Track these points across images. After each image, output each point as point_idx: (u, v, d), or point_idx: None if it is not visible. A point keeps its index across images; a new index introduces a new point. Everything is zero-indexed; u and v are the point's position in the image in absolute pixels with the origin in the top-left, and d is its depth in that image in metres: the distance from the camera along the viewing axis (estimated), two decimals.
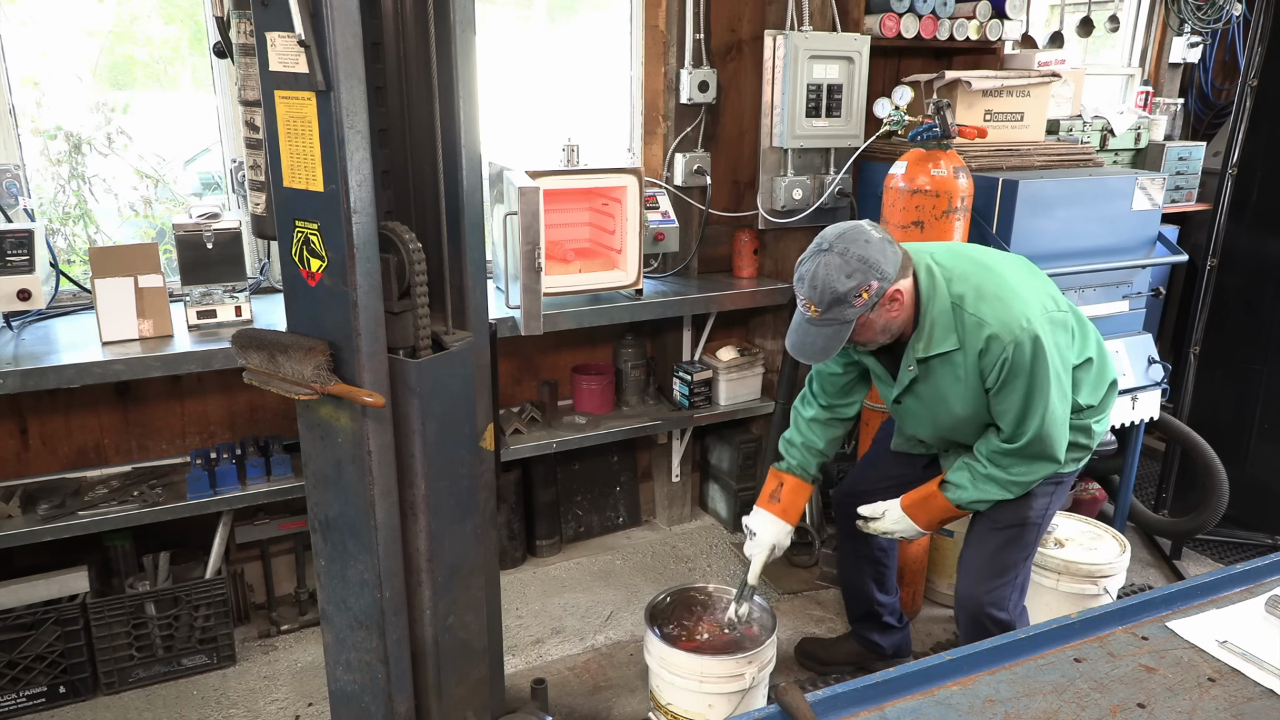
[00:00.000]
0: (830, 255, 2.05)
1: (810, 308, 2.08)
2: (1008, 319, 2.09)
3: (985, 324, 2.09)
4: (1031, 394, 2.12)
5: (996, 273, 2.17)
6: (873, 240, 2.06)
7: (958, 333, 2.14)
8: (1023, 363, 2.09)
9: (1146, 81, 4.82)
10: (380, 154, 1.83)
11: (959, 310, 2.13)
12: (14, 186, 2.71)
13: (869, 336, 2.16)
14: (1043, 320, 2.11)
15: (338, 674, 2.05)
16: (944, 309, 2.14)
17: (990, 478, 2.27)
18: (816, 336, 2.10)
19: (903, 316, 2.15)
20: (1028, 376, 2.11)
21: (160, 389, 3.02)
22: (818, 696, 1.24)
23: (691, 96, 3.39)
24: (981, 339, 2.11)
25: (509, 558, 3.57)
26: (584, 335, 3.64)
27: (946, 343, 2.15)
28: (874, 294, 2.04)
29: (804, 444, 2.56)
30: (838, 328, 2.08)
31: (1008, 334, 2.08)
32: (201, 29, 2.96)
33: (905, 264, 2.11)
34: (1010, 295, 2.12)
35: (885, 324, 2.14)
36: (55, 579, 2.75)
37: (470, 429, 2.01)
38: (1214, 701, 1.27)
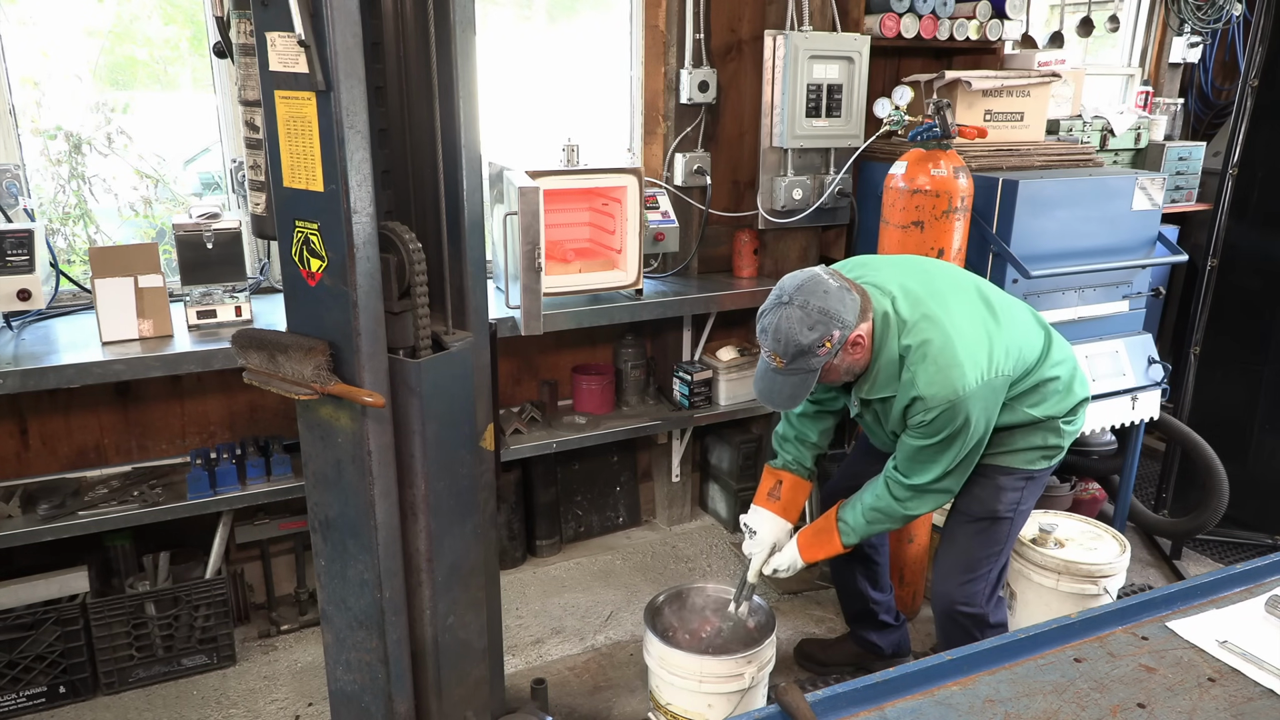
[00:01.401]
0: (791, 308, 2.10)
1: (775, 359, 2.14)
2: (939, 387, 2.11)
3: (916, 385, 2.14)
4: (940, 450, 2.19)
5: (948, 333, 2.16)
6: (831, 290, 2.11)
7: (895, 383, 2.20)
8: (940, 426, 2.15)
9: (1146, 81, 4.82)
10: (380, 154, 1.83)
11: (903, 361, 2.18)
12: (14, 186, 2.71)
13: (833, 379, 2.24)
14: (976, 391, 2.13)
15: (338, 674, 2.05)
16: (891, 359, 2.19)
17: (881, 510, 2.33)
18: (784, 385, 2.17)
19: (865, 358, 2.21)
20: (943, 438, 2.17)
21: (160, 389, 3.02)
22: (818, 696, 1.24)
23: (691, 96, 3.39)
24: (909, 397, 2.16)
25: (509, 558, 3.57)
26: (584, 335, 3.64)
27: (887, 389, 2.22)
28: (836, 343, 2.11)
29: (796, 437, 2.58)
30: (804, 376, 2.15)
31: (933, 401, 2.12)
32: (201, 29, 2.96)
33: (865, 307, 2.16)
34: (950, 363, 2.12)
35: (848, 367, 2.21)
36: (55, 579, 2.75)
37: (470, 429, 2.01)
38: (1214, 701, 1.27)
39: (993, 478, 2.38)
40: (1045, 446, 2.35)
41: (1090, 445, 3.53)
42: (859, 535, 2.39)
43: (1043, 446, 2.35)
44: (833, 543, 2.43)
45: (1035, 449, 2.35)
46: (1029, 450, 2.35)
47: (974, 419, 2.15)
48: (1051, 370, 2.31)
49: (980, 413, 2.17)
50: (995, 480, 2.38)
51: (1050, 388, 2.31)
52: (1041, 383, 2.30)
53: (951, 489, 2.30)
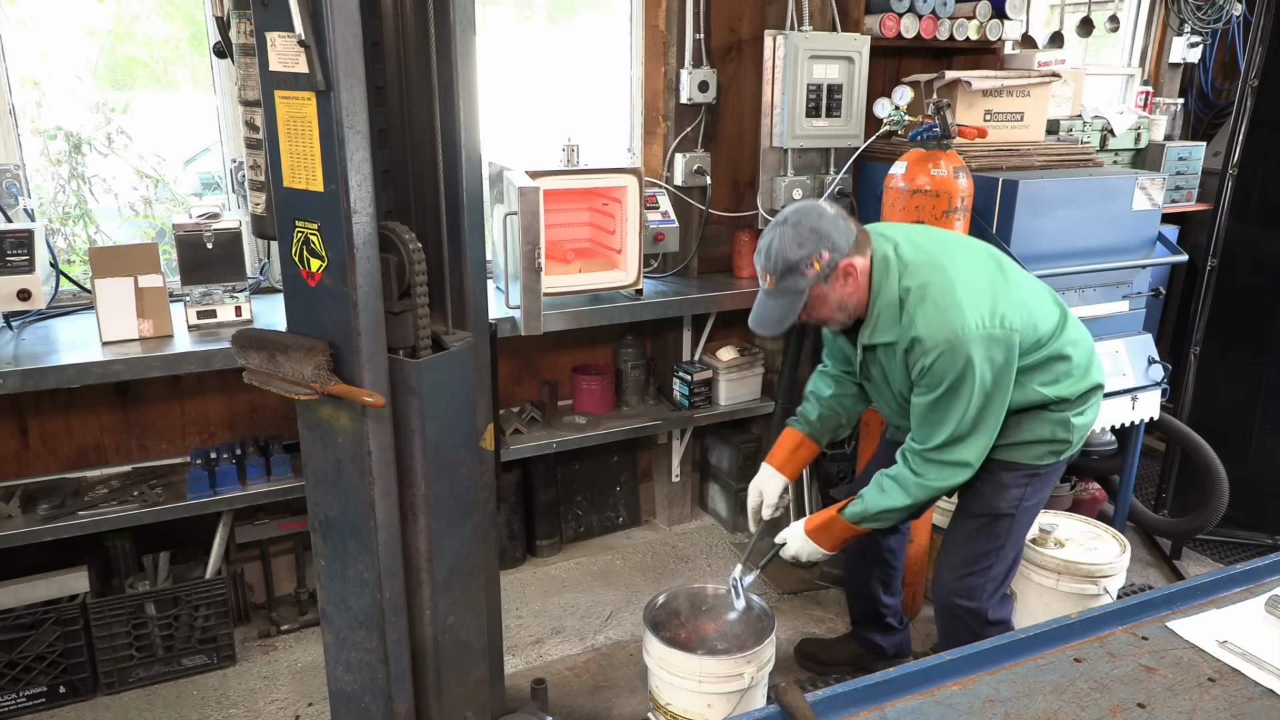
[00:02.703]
0: (785, 227, 2.14)
1: (767, 279, 2.16)
2: (937, 328, 2.09)
3: (915, 326, 2.12)
4: (945, 402, 2.13)
5: (950, 277, 2.14)
6: (826, 215, 2.14)
7: (897, 327, 2.17)
8: (942, 372, 2.11)
9: (1146, 81, 4.82)
10: (380, 154, 1.83)
11: (902, 305, 2.15)
12: (14, 186, 2.71)
13: (826, 313, 2.21)
14: (977, 336, 2.09)
15: (338, 674, 2.05)
16: (890, 302, 2.16)
17: (897, 479, 2.26)
18: (772, 307, 2.18)
19: (858, 295, 2.18)
20: (945, 386, 2.11)
21: (160, 389, 3.02)
22: (818, 696, 1.24)
23: (691, 96, 3.39)
24: (908, 339, 2.14)
25: (509, 558, 3.57)
26: (584, 335, 3.64)
27: (888, 334, 2.18)
28: (825, 265, 2.10)
29: (812, 392, 2.59)
30: (792, 298, 2.15)
31: (931, 342, 2.10)
32: (201, 29, 2.96)
33: (862, 242, 2.16)
34: (950, 305, 2.10)
35: (840, 300, 2.18)
36: (55, 579, 2.75)
37: (470, 429, 2.01)
38: (1214, 701, 1.27)
39: (996, 473, 2.34)
40: (1053, 440, 2.30)
41: (1090, 445, 3.53)
42: (868, 507, 2.30)
43: (1050, 440, 2.30)
44: (839, 522, 2.36)
45: (1043, 443, 2.30)
46: (1036, 444, 2.30)
47: (977, 365, 2.09)
48: (1066, 347, 2.26)
49: (984, 360, 2.09)
50: (998, 476, 2.34)
51: (1063, 367, 2.26)
52: (1054, 358, 2.25)
53: (968, 460, 2.20)
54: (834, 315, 2.22)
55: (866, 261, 2.17)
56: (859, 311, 2.22)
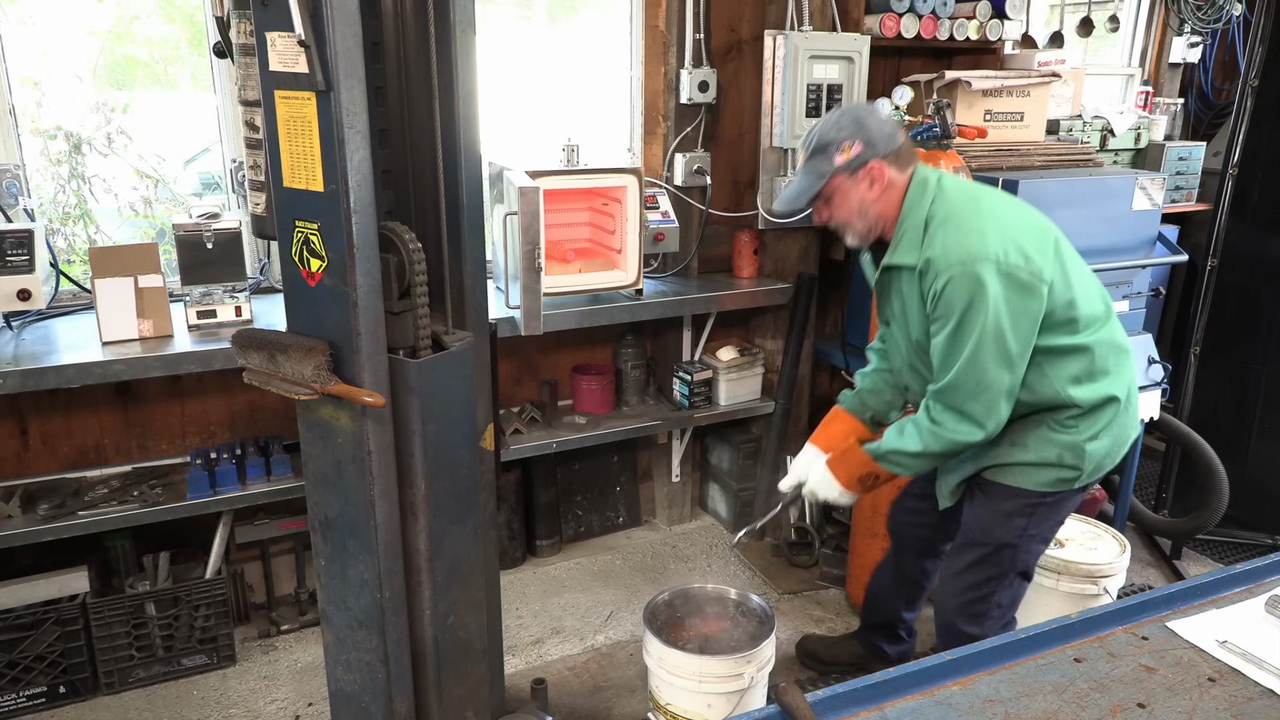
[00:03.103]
0: (834, 113, 2.16)
1: (801, 159, 2.19)
2: (954, 250, 2.02)
3: (933, 246, 2.06)
4: (957, 334, 2.03)
5: (982, 208, 2.09)
6: (876, 114, 2.13)
7: (919, 251, 2.09)
8: (954, 298, 2.01)
9: (1146, 81, 4.82)
10: (380, 154, 1.83)
11: (925, 229, 2.09)
12: (14, 186, 2.71)
13: (845, 213, 2.17)
14: (993, 267, 1.99)
15: (338, 674, 2.05)
16: (917, 223, 2.10)
17: (915, 422, 2.18)
18: (795, 183, 2.18)
19: (880, 206, 2.14)
20: (958, 315, 2.02)
21: (160, 389, 3.02)
22: (818, 696, 1.24)
23: (691, 96, 3.39)
24: (924, 259, 2.07)
25: (509, 558, 3.57)
26: (584, 335, 3.64)
27: (909, 256, 2.11)
28: (855, 156, 2.08)
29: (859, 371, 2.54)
30: (812, 180, 2.13)
31: (944, 263, 2.02)
32: (201, 29, 2.96)
33: (905, 158, 2.14)
34: (971, 231, 2.03)
35: (861, 204, 2.14)
36: (55, 579, 2.75)
37: (470, 429, 2.01)
38: (1214, 701, 1.27)
39: (996, 498, 2.25)
40: (1060, 465, 2.15)
41: None
42: (881, 444, 2.23)
43: (1058, 465, 2.15)
44: (856, 450, 2.28)
45: (1049, 466, 2.16)
46: (1042, 467, 2.17)
47: (990, 296, 1.97)
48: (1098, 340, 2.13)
49: (999, 294, 1.98)
50: (999, 502, 2.25)
51: (1086, 365, 2.12)
52: (1082, 350, 2.11)
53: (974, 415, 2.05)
54: (851, 220, 2.17)
55: (903, 179, 2.13)
56: (880, 226, 2.17)
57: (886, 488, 3.07)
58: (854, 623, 3.26)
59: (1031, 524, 2.25)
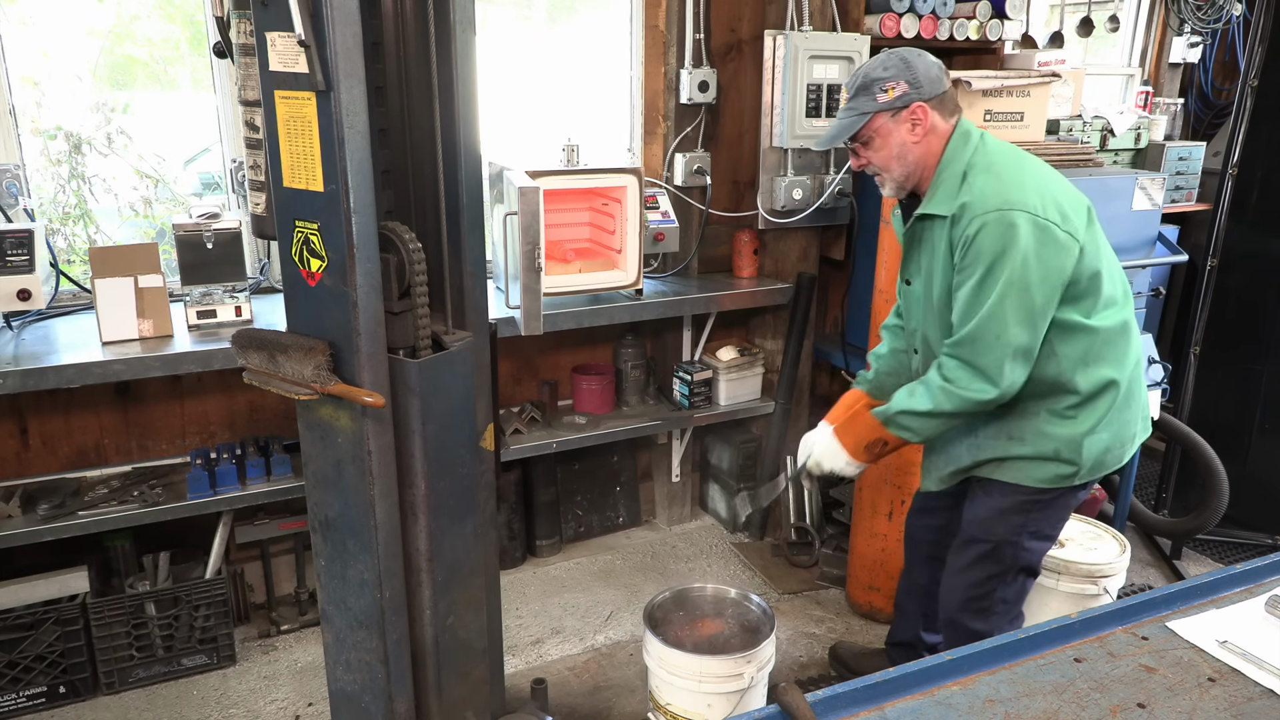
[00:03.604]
0: (882, 54, 2.13)
1: (844, 97, 2.15)
2: (991, 197, 1.99)
3: (971, 191, 2.02)
4: (983, 283, 1.98)
5: (1022, 165, 2.08)
6: (925, 57, 2.11)
7: (954, 200, 2.05)
8: (984, 245, 1.97)
9: (1146, 81, 4.82)
10: (380, 154, 1.83)
11: (962, 178, 2.06)
12: (14, 186, 2.71)
13: (884, 158, 2.12)
14: (1029, 217, 1.96)
15: (338, 674, 2.05)
16: (955, 173, 2.07)
17: (925, 382, 2.12)
18: (836, 122, 2.16)
19: (921, 151, 2.10)
20: (986, 263, 1.97)
21: (160, 389, 3.02)
22: (817, 696, 1.24)
23: (691, 96, 3.39)
24: (958, 205, 2.03)
25: (509, 558, 3.57)
26: (584, 335, 3.64)
27: (943, 205, 2.07)
28: (899, 96, 2.05)
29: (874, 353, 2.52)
30: (854, 118, 2.10)
31: (979, 208, 1.99)
32: (201, 29, 2.96)
33: (949, 105, 2.12)
34: (1011, 181, 2.01)
35: (901, 147, 2.10)
36: (55, 579, 2.75)
37: (470, 429, 2.01)
38: (1214, 701, 1.27)
39: (992, 494, 2.24)
40: (1058, 460, 2.12)
41: None
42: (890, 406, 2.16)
43: (1054, 459, 2.12)
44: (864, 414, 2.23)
45: (1046, 461, 2.13)
46: (1038, 461, 2.14)
47: (1022, 243, 1.94)
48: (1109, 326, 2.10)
49: (1031, 246, 1.94)
50: (995, 499, 2.23)
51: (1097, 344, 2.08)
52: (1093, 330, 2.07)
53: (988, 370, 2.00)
54: (890, 164, 2.12)
55: (946, 127, 2.11)
56: (919, 174, 2.13)
57: (894, 492, 3.08)
58: (854, 623, 3.27)
59: (1030, 521, 2.23)
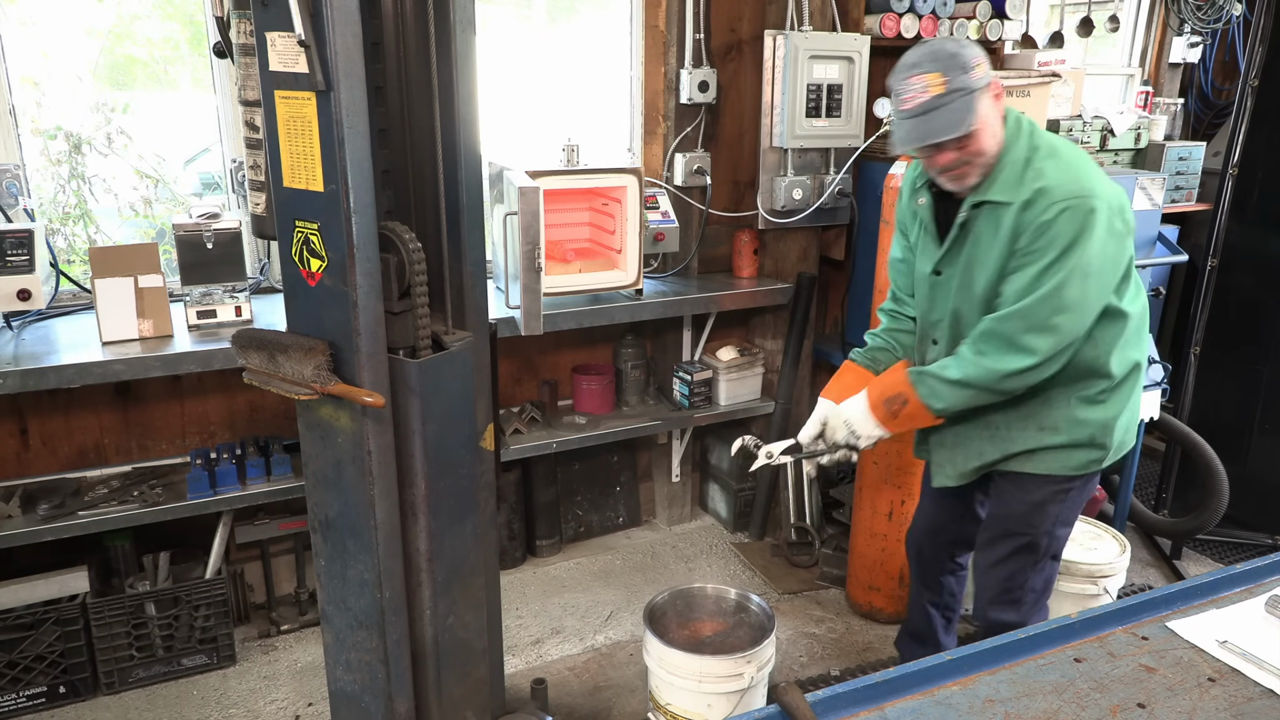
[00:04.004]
0: (931, 41, 2.03)
1: (934, 82, 1.93)
2: (1069, 183, 1.94)
3: (1044, 177, 1.95)
4: (1051, 267, 1.94)
5: (1076, 151, 2.05)
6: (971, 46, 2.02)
7: (1015, 187, 1.99)
8: (1062, 230, 1.92)
9: (1146, 81, 4.82)
10: (380, 154, 1.83)
11: (1026, 164, 1.99)
12: (14, 186, 2.71)
13: (983, 143, 1.98)
14: (1105, 206, 1.94)
15: (338, 674, 2.05)
16: (1018, 159, 2.00)
17: (958, 354, 2.09)
18: (943, 113, 1.93)
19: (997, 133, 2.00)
20: (1060, 248, 1.93)
21: (160, 389, 3.02)
22: (818, 696, 1.24)
23: (691, 96, 3.39)
24: (1031, 190, 1.96)
25: (509, 558, 3.57)
26: (584, 335, 3.64)
27: (1005, 192, 2.00)
28: (986, 72, 1.96)
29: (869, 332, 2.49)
30: (965, 98, 1.92)
31: (1059, 193, 1.93)
32: (201, 29, 2.96)
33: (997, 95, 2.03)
34: (1082, 169, 1.98)
35: (996, 128, 2.00)
36: (55, 579, 2.75)
37: (470, 429, 2.01)
38: (1214, 701, 1.27)
39: (1028, 488, 2.22)
40: (1091, 446, 2.15)
41: None
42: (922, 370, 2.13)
43: (1089, 445, 2.15)
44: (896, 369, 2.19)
45: (1080, 447, 2.15)
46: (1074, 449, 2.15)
47: (1096, 232, 1.92)
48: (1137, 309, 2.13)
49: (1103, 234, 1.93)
50: (1030, 492, 2.22)
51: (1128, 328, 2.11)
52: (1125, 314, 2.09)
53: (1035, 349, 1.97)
54: (986, 148, 1.99)
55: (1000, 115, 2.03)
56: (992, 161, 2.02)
57: (894, 492, 3.08)
58: (854, 623, 3.27)
59: (1062, 512, 2.24)
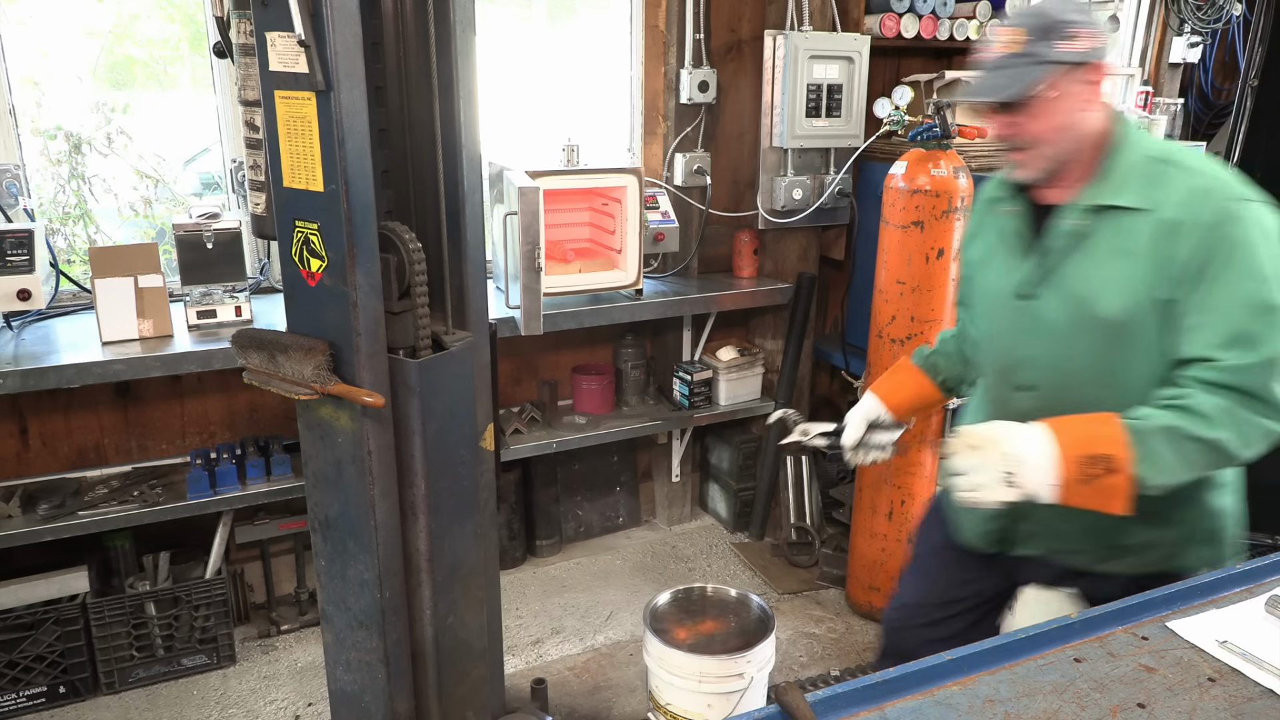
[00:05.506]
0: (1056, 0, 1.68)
1: (1012, 40, 1.64)
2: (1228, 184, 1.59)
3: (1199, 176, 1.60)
4: (1264, 281, 1.53)
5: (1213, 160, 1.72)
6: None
7: (1153, 190, 1.61)
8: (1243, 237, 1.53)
9: (1146, 81, 4.82)
10: (380, 154, 1.83)
11: (1158, 165, 1.63)
12: (14, 186, 2.71)
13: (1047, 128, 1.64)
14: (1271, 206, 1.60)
15: (338, 674, 2.05)
16: (1136, 161, 1.65)
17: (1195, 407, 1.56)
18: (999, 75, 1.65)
19: (1090, 125, 1.66)
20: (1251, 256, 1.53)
21: (160, 389, 3.02)
22: (818, 696, 1.24)
23: (691, 96, 3.39)
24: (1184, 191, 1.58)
25: (509, 558, 3.57)
26: (584, 335, 3.64)
27: (1134, 197, 1.62)
28: (1084, 50, 1.61)
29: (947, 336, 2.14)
30: (1030, 68, 1.61)
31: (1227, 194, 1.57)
32: (201, 29, 2.96)
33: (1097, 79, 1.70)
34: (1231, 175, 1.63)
35: (1069, 116, 1.64)
36: (55, 579, 2.75)
37: (470, 429, 2.01)
38: (1214, 701, 1.27)
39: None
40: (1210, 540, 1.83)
41: None
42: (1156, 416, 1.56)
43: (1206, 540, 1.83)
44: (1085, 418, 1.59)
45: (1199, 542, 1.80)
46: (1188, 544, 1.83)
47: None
48: None
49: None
50: None
51: None
52: None
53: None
54: (1054, 136, 1.65)
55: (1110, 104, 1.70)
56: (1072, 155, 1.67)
57: (894, 492, 3.07)
58: (854, 623, 3.27)
59: None
